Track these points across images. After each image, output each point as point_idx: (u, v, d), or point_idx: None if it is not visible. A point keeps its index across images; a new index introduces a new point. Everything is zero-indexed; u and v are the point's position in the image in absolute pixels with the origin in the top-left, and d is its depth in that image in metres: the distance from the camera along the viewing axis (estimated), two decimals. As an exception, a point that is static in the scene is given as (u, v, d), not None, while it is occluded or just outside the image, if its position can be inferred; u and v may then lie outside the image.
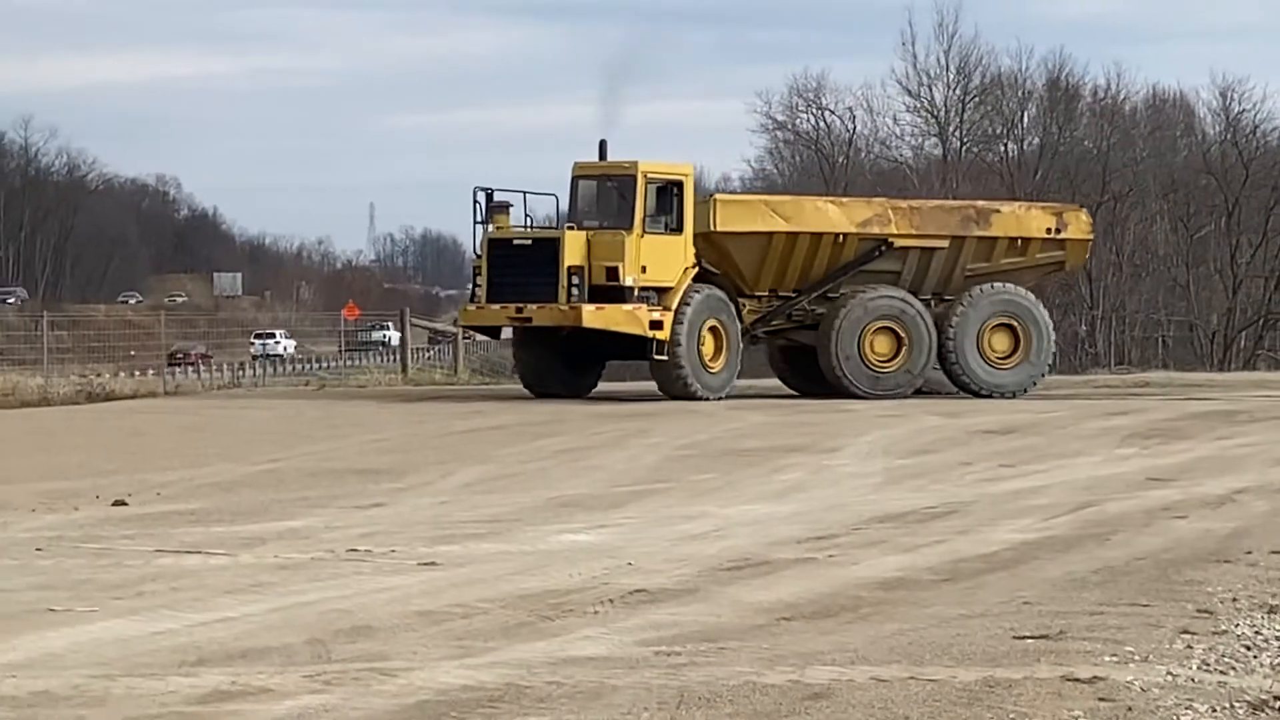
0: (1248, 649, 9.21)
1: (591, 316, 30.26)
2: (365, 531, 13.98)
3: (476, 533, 13.90)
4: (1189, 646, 9.20)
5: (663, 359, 30.66)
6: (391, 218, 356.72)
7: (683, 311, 30.75)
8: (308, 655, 9.11)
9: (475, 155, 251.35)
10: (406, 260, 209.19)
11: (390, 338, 59.58)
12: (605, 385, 33.37)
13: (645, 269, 30.56)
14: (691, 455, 20.90)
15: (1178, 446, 21.49)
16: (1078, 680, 8.39)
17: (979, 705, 7.97)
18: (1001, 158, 76.60)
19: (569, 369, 32.20)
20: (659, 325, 30.51)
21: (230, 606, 10.51)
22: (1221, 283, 69.09)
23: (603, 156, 31.72)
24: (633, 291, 30.49)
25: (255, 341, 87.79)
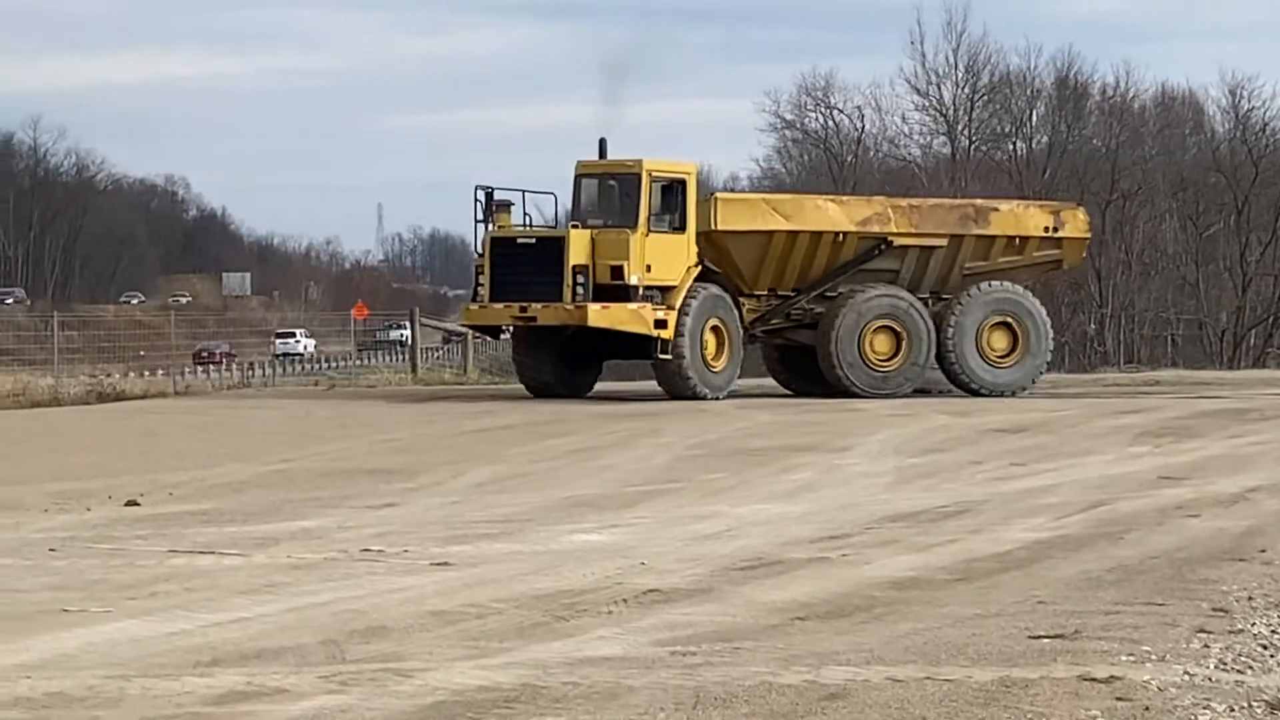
0: (1264, 648, 9.19)
1: (597, 316, 30.20)
2: (378, 532, 13.98)
3: (489, 533, 13.89)
4: (1205, 646, 9.18)
5: (667, 358, 30.62)
6: (399, 217, 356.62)
7: (686, 311, 30.69)
8: (323, 656, 9.10)
9: (483, 155, 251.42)
10: (415, 260, 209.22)
11: (407, 337, 59.79)
12: (602, 385, 33.34)
13: (650, 268, 30.51)
14: (702, 455, 20.88)
15: (1189, 445, 21.46)
16: (1094, 680, 8.37)
17: (996, 705, 7.96)
18: (1010, 156, 76.51)
19: (569, 368, 32.14)
20: (663, 324, 30.46)
21: (244, 607, 10.51)
22: (1231, 281, 68.99)
23: (603, 155, 31.67)
24: (637, 290, 30.43)
25: (276, 340, 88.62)
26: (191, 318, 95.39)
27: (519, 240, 31.17)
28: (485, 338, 40.32)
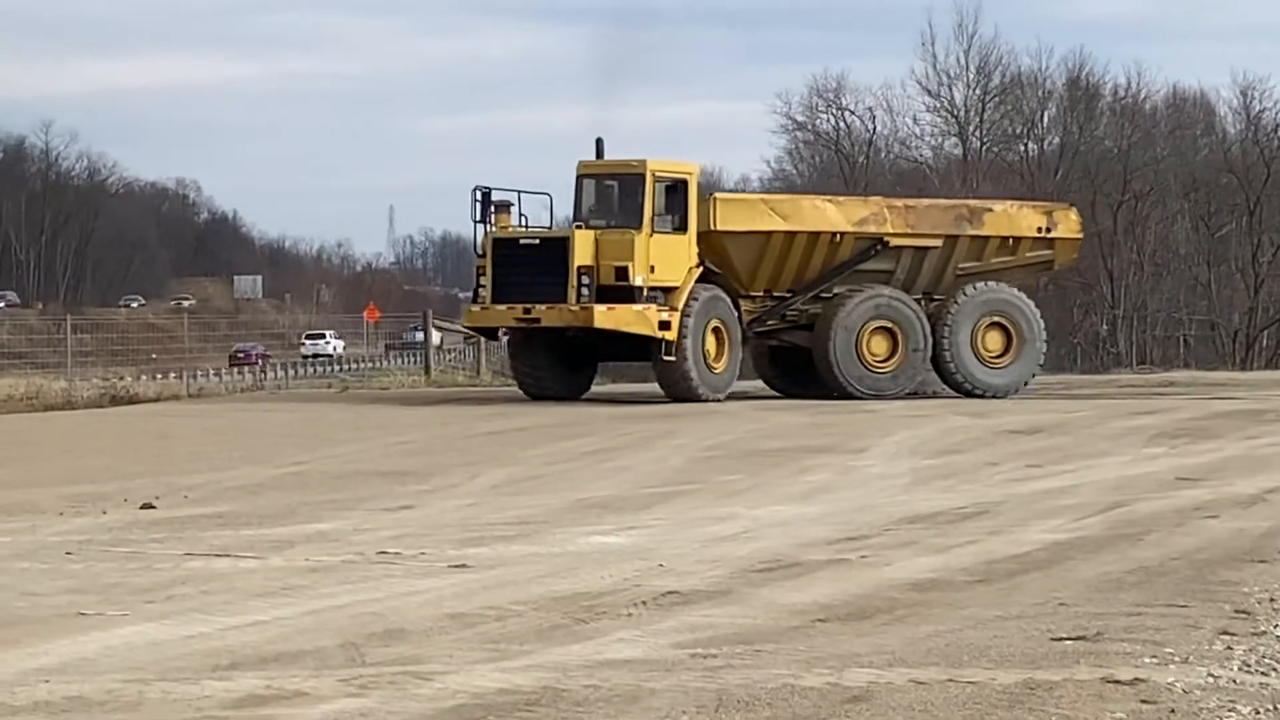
0: (1288, 650, 9.14)
1: (603, 317, 30.08)
2: (394, 534, 13.94)
3: (505, 535, 13.85)
4: (1229, 648, 9.12)
5: (671, 360, 30.54)
6: (411, 220, 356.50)
7: (689, 312, 30.61)
8: (341, 659, 9.06)
9: (494, 157, 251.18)
10: (426, 262, 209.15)
11: (435, 338, 60.19)
12: (601, 387, 33.31)
13: (654, 269, 30.43)
14: (717, 456, 20.85)
15: (1206, 446, 21.40)
16: (1119, 682, 8.32)
17: (1020, 708, 7.91)
18: (1022, 157, 76.50)
19: (566, 370, 32.06)
20: (667, 326, 30.38)
21: (262, 610, 10.47)
22: (1243, 282, 68.89)
23: (599, 155, 31.58)
24: (642, 292, 30.33)
25: (306, 342, 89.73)
26: (203, 320, 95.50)
27: (522, 241, 30.98)
28: (483, 340, 40.17)
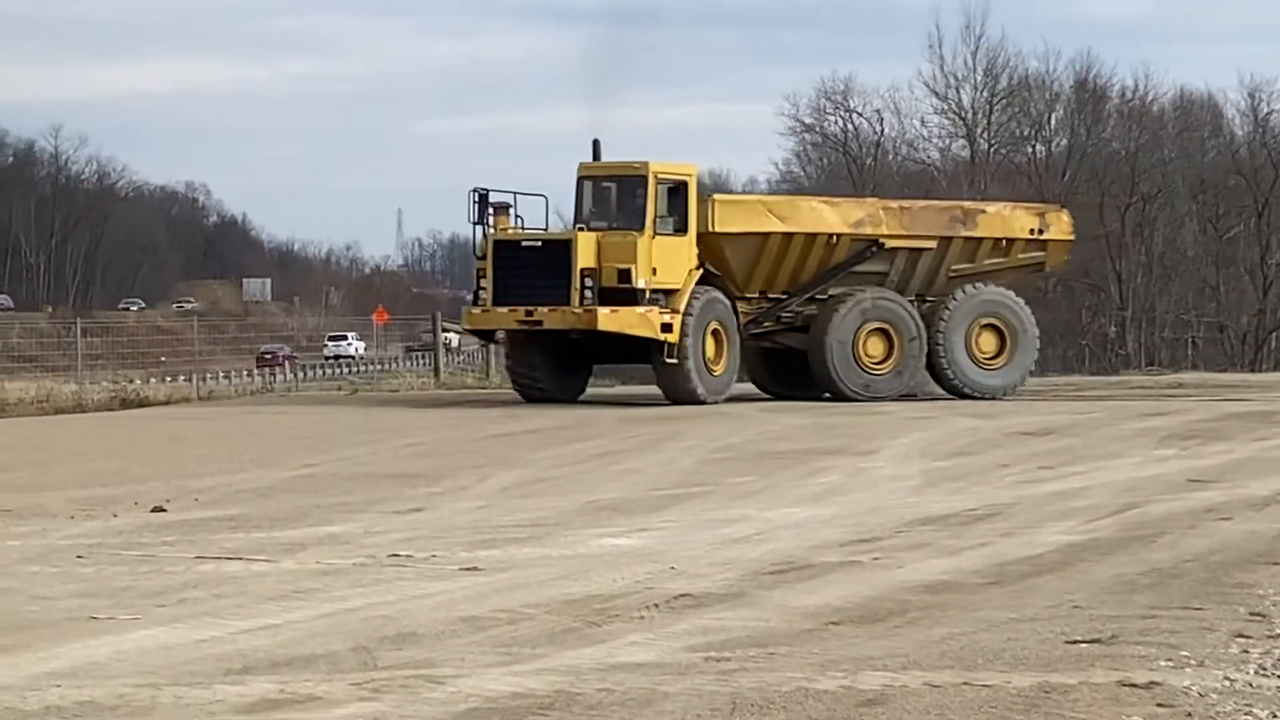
0: (1304, 653, 9.10)
1: (607, 320, 30.04)
2: (405, 537, 13.92)
3: (517, 537, 13.83)
4: (1244, 651, 9.09)
5: (673, 362, 30.50)
6: (419, 222, 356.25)
7: (690, 314, 30.60)
8: (354, 662, 9.04)
9: (502, 159, 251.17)
10: (434, 265, 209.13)
11: (451, 340, 60.31)
12: (599, 388, 33.28)
13: (655, 271, 30.40)
14: (727, 458, 20.82)
15: (1217, 447, 21.36)
16: (1134, 685, 8.28)
17: (1036, 712, 7.87)
18: (1029, 159, 76.43)
19: (563, 373, 32.03)
20: (669, 328, 30.37)
21: (274, 613, 10.44)
22: (1251, 283, 68.88)
23: (596, 156, 31.53)
24: (644, 294, 30.29)
25: (329, 343, 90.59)
26: (212, 323, 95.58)
27: (523, 243, 30.89)
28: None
